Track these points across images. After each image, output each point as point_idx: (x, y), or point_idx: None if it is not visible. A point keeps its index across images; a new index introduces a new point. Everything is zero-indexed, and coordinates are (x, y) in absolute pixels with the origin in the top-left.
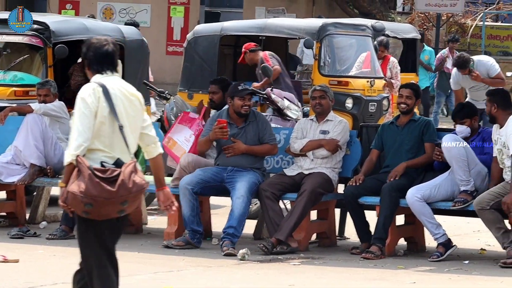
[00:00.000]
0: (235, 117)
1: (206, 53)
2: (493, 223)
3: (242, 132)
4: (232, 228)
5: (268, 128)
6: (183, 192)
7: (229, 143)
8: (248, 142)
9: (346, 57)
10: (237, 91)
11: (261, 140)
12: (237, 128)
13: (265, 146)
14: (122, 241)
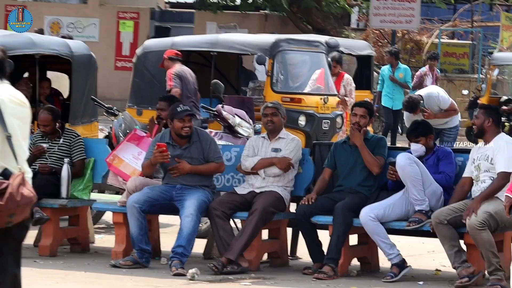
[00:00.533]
0: (177, 139)
1: (156, 68)
2: (448, 239)
3: (186, 153)
4: (181, 247)
5: (213, 146)
6: (130, 211)
7: (174, 163)
8: (193, 162)
9: (299, 74)
10: (176, 113)
11: (206, 159)
12: (181, 149)
13: (211, 165)
14: (69, 261)
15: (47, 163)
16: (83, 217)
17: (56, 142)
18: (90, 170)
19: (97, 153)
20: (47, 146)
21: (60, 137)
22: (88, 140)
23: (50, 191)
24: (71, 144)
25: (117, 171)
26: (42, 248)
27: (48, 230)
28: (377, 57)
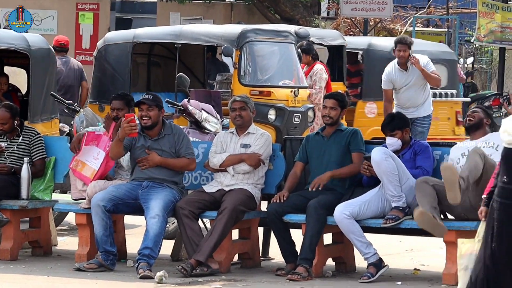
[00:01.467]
0: (146, 130)
1: (118, 62)
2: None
3: (156, 145)
4: (147, 249)
5: (185, 141)
6: (95, 210)
7: (143, 155)
8: (164, 155)
9: (268, 66)
10: (138, 102)
11: (177, 154)
12: (151, 140)
13: (182, 160)
14: (30, 264)
15: (6, 162)
16: (45, 218)
17: (15, 141)
18: (51, 169)
19: (58, 151)
20: (6, 145)
21: (19, 136)
22: (48, 138)
23: (10, 192)
24: (31, 142)
25: (81, 177)
26: (2, 252)
27: (8, 232)
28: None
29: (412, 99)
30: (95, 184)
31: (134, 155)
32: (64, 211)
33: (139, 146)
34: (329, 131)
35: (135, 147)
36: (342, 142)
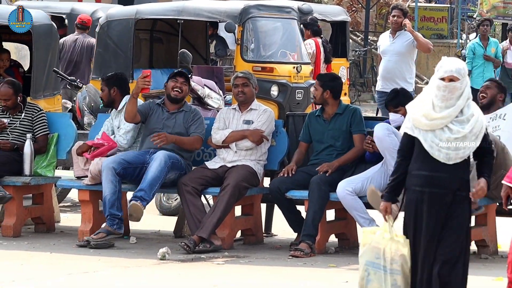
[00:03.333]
0: (167, 102)
1: (120, 38)
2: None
3: (172, 119)
4: (141, 191)
5: (199, 121)
6: (105, 173)
7: (157, 127)
8: (176, 129)
9: (270, 42)
10: (172, 74)
11: (188, 130)
12: (168, 113)
13: (192, 137)
14: (33, 241)
15: (9, 139)
16: (48, 195)
17: (18, 117)
18: (53, 145)
19: (60, 128)
20: (8, 121)
21: (22, 112)
22: (51, 115)
23: (12, 168)
24: (33, 118)
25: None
26: (5, 228)
27: (11, 209)
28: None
29: (391, 71)
30: (97, 161)
31: (148, 125)
32: (67, 187)
33: (155, 117)
34: (329, 113)
35: (151, 117)
36: (343, 126)
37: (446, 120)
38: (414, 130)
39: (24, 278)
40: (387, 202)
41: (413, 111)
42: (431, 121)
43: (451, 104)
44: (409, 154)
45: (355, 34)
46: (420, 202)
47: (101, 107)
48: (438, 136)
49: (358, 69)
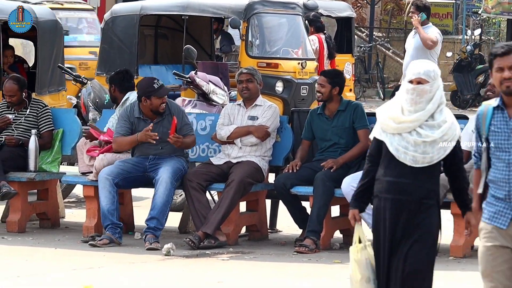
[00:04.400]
0: (149, 114)
1: (125, 34)
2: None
3: (159, 127)
4: (154, 219)
5: (185, 119)
6: (102, 183)
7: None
8: (165, 137)
9: (275, 38)
10: (154, 90)
11: (178, 132)
12: (152, 122)
13: (190, 139)
14: (38, 237)
15: (14, 134)
16: (53, 191)
17: (23, 113)
18: (58, 141)
19: (65, 123)
20: (13, 117)
21: (27, 108)
22: (56, 110)
23: (17, 164)
24: (38, 114)
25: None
26: (10, 224)
27: (16, 205)
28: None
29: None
30: (102, 157)
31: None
32: (72, 183)
33: (140, 128)
34: (331, 110)
35: (137, 130)
36: (346, 123)
37: (414, 124)
38: (381, 134)
39: (29, 274)
40: (355, 210)
41: (382, 115)
42: (398, 124)
43: (421, 108)
44: (378, 159)
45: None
46: (384, 209)
47: (106, 102)
48: (405, 139)
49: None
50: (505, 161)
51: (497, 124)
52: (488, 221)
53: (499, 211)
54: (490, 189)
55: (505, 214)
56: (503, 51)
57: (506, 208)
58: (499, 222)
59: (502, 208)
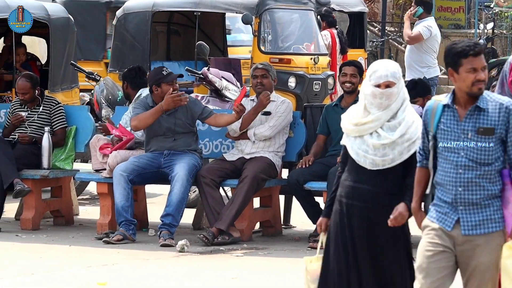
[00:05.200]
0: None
1: (138, 31)
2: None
3: (171, 118)
4: (169, 216)
5: (201, 104)
6: (117, 180)
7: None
8: (178, 128)
9: (287, 33)
10: (164, 77)
11: (202, 119)
12: (165, 115)
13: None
14: (52, 234)
15: (27, 132)
16: (66, 188)
17: (36, 110)
18: (72, 138)
19: (78, 120)
20: (26, 114)
21: (40, 105)
22: (69, 108)
23: (31, 162)
24: (51, 112)
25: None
26: (24, 222)
27: (30, 202)
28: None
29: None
30: (116, 154)
31: (151, 130)
32: (86, 180)
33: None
34: (348, 101)
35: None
36: None
37: (376, 124)
38: (345, 139)
39: (43, 271)
40: (324, 218)
41: (345, 119)
42: (360, 126)
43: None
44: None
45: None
46: (342, 215)
47: (119, 99)
48: (366, 141)
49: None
50: (453, 163)
51: (447, 123)
52: (435, 220)
53: (446, 213)
54: (437, 191)
55: (451, 215)
56: (477, 51)
57: (452, 211)
58: (445, 223)
59: (448, 210)
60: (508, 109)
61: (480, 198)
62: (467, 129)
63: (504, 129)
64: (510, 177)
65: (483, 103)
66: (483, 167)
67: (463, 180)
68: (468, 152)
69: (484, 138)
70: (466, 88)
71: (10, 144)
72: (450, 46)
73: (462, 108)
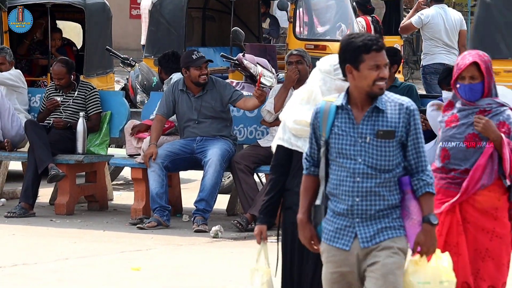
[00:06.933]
0: (192, 87)
1: (173, 16)
2: None
3: (199, 101)
4: (203, 201)
5: (231, 88)
6: (152, 167)
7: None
8: (207, 111)
9: (323, 20)
10: (192, 61)
11: (232, 102)
12: (194, 97)
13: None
14: (86, 219)
15: (62, 117)
16: (101, 173)
17: (71, 95)
18: (106, 124)
19: (113, 106)
20: (61, 99)
21: (75, 90)
22: (104, 93)
23: (66, 147)
24: (87, 97)
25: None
26: (59, 207)
27: (64, 187)
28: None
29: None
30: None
31: (179, 113)
32: (120, 165)
33: (183, 104)
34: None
35: (179, 106)
36: None
37: None
38: (292, 142)
39: (78, 256)
40: (262, 226)
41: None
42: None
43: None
44: (286, 169)
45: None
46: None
47: (154, 85)
48: None
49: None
50: (350, 170)
51: (342, 126)
52: (328, 242)
53: (340, 229)
54: (330, 203)
55: (347, 232)
56: (380, 45)
57: (348, 225)
58: (340, 242)
59: (343, 225)
60: (409, 110)
61: (379, 209)
62: (365, 132)
63: (404, 132)
64: (411, 185)
65: (381, 104)
66: (383, 174)
67: (361, 189)
68: (367, 158)
69: (384, 142)
70: (366, 87)
71: (45, 129)
72: (348, 40)
73: (359, 110)
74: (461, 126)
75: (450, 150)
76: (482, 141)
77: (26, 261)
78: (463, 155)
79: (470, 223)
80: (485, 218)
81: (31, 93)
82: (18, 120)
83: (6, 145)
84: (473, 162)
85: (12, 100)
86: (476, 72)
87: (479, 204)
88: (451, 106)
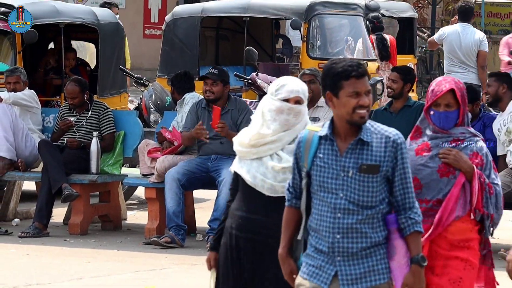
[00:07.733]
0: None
1: (186, 36)
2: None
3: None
4: (217, 221)
5: (247, 115)
6: (169, 185)
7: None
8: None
9: (336, 39)
10: (205, 75)
11: (237, 128)
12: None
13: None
14: (100, 239)
15: (76, 137)
16: (114, 193)
17: (85, 115)
18: (120, 143)
19: (127, 125)
20: (75, 119)
21: (89, 110)
22: (117, 113)
23: (79, 167)
24: (100, 117)
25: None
26: (72, 226)
27: (78, 207)
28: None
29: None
30: (164, 159)
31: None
32: (134, 185)
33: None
34: (397, 106)
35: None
36: (411, 118)
37: (277, 145)
38: (236, 164)
39: (91, 275)
40: (212, 252)
41: (238, 142)
42: (259, 147)
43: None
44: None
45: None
46: (231, 248)
47: (167, 104)
48: (265, 164)
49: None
50: (331, 205)
51: (324, 158)
52: (308, 277)
53: (320, 266)
54: (311, 238)
55: (327, 270)
56: (361, 72)
57: (328, 262)
58: (320, 279)
59: (323, 262)
60: (396, 143)
61: (362, 248)
62: (348, 165)
63: (390, 167)
64: (397, 223)
65: (366, 136)
66: (365, 210)
67: (342, 225)
68: (348, 193)
69: (367, 177)
70: (346, 115)
71: (58, 149)
72: (329, 66)
73: (342, 141)
74: (434, 156)
75: (422, 180)
76: (456, 170)
77: (40, 281)
78: (436, 185)
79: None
80: (458, 249)
81: (44, 113)
82: (32, 140)
83: (20, 165)
84: (446, 192)
85: (26, 120)
86: (452, 99)
87: (451, 235)
88: (419, 133)
